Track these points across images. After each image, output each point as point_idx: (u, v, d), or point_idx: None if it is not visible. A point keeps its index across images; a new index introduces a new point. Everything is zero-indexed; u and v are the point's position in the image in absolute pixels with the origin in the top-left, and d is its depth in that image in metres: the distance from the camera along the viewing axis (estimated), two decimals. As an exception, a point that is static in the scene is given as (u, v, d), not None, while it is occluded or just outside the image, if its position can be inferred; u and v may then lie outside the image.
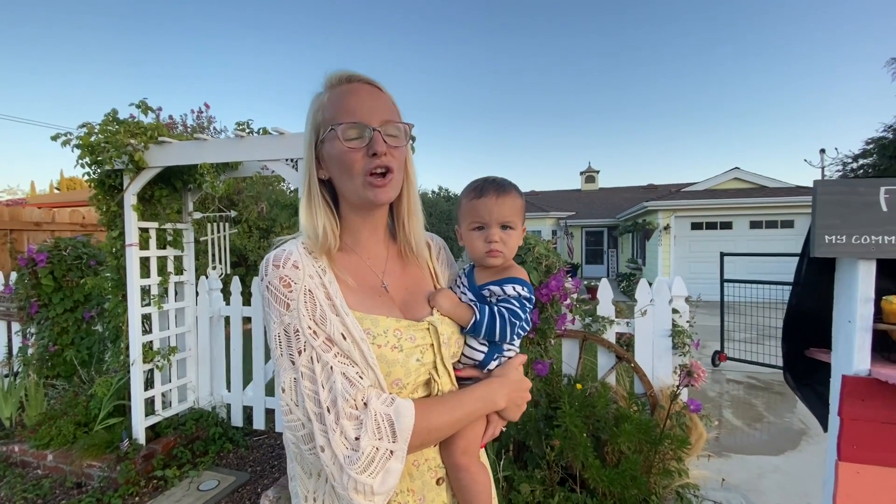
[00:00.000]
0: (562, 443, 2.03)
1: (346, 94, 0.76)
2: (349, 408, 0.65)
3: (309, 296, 0.71)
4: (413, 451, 0.70)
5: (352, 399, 0.66)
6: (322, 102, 0.77)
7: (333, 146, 0.75)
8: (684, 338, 2.40)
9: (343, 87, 0.77)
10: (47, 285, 3.36)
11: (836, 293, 1.21)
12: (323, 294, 0.72)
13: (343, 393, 0.66)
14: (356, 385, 0.67)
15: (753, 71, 57.51)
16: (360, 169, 0.74)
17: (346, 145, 0.73)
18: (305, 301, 0.70)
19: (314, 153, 0.78)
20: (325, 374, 0.67)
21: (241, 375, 3.41)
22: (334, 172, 0.78)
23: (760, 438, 3.60)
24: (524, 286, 0.89)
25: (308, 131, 0.79)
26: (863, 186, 1.10)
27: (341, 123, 0.73)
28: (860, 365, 1.14)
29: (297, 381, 0.68)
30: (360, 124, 0.73)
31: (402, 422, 0.66)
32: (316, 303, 0.71)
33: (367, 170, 0.74)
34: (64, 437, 2.89)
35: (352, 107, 0.74)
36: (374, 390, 0.69)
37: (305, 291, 0.71)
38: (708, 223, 11.96)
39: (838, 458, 1.16)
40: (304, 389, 0.67)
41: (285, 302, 0.70)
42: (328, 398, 0.66)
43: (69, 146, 2.77)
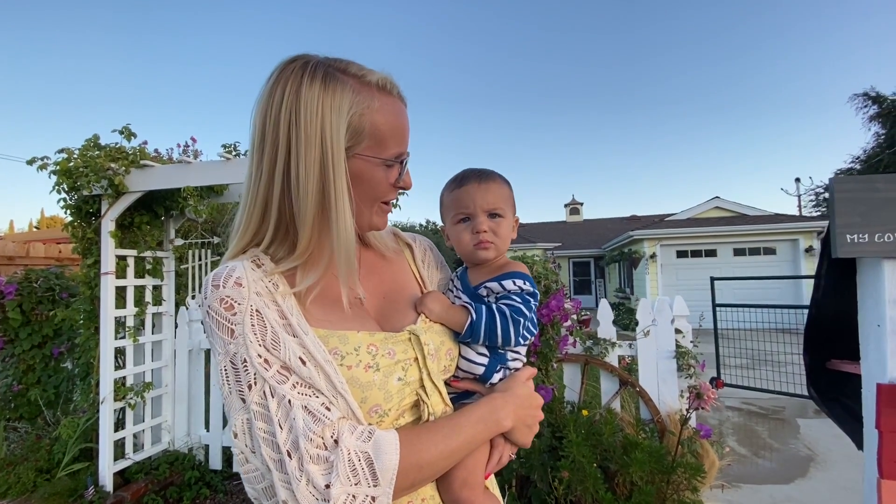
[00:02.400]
0: (570, 475, 1.89)
1: (400, 116, 0.68)
2: (314, 448, 0.54)
3: (257, 317, 0.59)
4: (402, 494, 0.57)
5: (317, 437, 0.54)
6: (373, 107, 0.64)
7: (375, 171, 0.66)
8: (689, 359, 2.32)
9: (396, 105, 0.68)
10: (14, 319, 3.16)
11: (861, 297, 1.15)
12: (275, 313, 0.61)
13: (305, 432, 0.54)
14: (321, 420, 0.55)
15: (731, 98, 60.87)
16: (381, 196, 0.69)
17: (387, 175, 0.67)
18: (253, 324, 0.58)
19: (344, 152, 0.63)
20: (283, 410, 0.56)
21: (221, 414, 3.19)
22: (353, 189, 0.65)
23: (768, 467, 3.47)
24: (526, 280, 0.78)
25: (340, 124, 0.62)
26: (881, 182, 1.06)
27: (400, 155, 0.68)
28: (895, 372, 1.07)
29: (249, 422, 0.56)
30: (406, 157, 0.69)
31: (384, 459, 0.54)
32: (266, 324, 0.59)
33: (385, 198, 0.70)
34: (23, 485, 2.64)
35: (403, 134, 0.69)
36: (347, 423, 0.57)
37: (252, 313, 0.59)
38: (693, 251, 12.13)
39: (880, 475, 1.06)
40: (258, 433, 0.55)
41: (228, 328, 0.58)
42: (288, 440, 0.54)
43: (45, 171, 2.67)
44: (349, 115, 0.62)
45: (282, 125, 0.62)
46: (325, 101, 0.61)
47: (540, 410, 0.77)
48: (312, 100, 0.61)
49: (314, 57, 0.66)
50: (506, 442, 0.72)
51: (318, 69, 0.63)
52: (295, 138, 0.61)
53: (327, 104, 0.61)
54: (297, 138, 0.61)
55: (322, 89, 0.61)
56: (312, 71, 0.63)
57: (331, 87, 0.62)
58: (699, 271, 11.29)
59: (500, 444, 0.72)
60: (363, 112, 0.63)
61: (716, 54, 56.17)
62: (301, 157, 0.61)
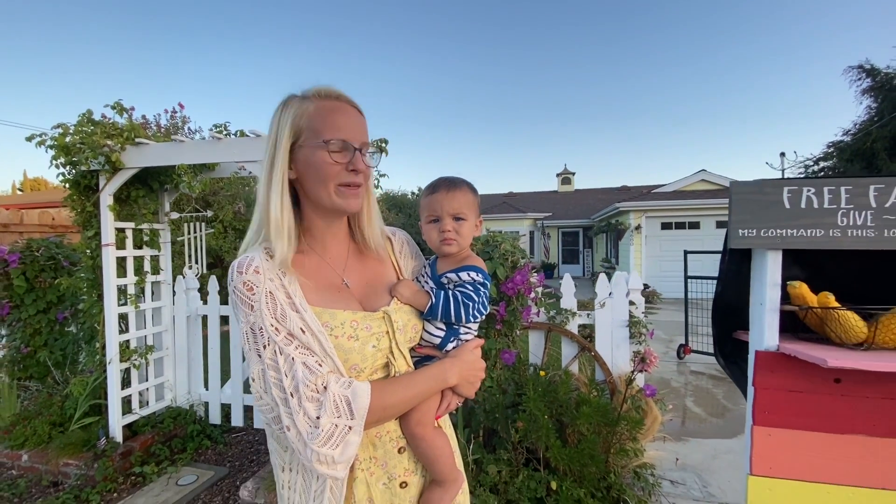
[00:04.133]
0: (526, 425, 2.19)
1: (335, 111, 0.84)
2: (310, 391, 0.74)
3: (269, 297, 0.79)
4: (372, 426, 0.81)
5: (312, 384, 0.75)
6: (307, 109, 0.83)
7: (315, 154, 0.82)
8: (640, 328, 2.59)
9: (332, 103, 0.85)
10: (19, 286, 3.35)
11: (752, 280, 1.39)
12: (283, 294, 0.81)
13: (304, 380, 0.75)
14: (315, 372, 0.76)
15: (719, 73, 59.85)
16: (335, 180, 0.84)
17: (332, 157, 0.82)
18: (267, 302, 0.78)
19: (288, 153, 0.84)
20: (288, 364, 0.76)
21: (220, 374, 3.46)
22: (309, 177, 0.84)
23: (717, 424, 3.84)
24: (479, 272, 1.00)
25: (284, 130, 0.83)
26: (769, 187, 1.28)
27: (332, 139, 0.82)
28: (770, 341, 1.32)
29: (263, 371, 0.77)
30: (347, 143, 0.83)
31: (359, 401, 0.76)
32: (276, 303, 0.79)
33: (342, 181, 0.84)
34: (39, 437, 2.90)
35: (340, 124, 0.83)
36: (333, 375, 0.78)
37: (266, 293, 0.79)
38: (677, 223, 12.41)
39: (753, 422, 1.33)
40: (270, 378, 0.76)
41: (249, 304, 0.78)
42: (291, 385, 0.75)
43: (43, 147, 2.79)
44: (291, 121, 0.83)
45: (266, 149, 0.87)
46: (280, 120, 0.85)
47: (482, 371, 1.00)
48: (273, 125, 0.86)
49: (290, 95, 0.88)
50: (454, 394, 0.96)
51: (282, 102, 0.87)
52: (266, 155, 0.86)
53: (280, 121, 0.85)
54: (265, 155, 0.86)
55: (280, 113, 0.86)
56: (280, 105, 0.87)
57: (282, 109, 0.86)
58: (682, 243, 11.53)
59: (449, 395, 0.95)
60: (301, 114, 0.83)
61: (712, 26, 54.90)
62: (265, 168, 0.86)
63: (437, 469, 0.94)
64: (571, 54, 67.65)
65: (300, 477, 0.85)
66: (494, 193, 26.41)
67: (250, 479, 2.64)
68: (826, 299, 1.27)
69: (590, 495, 2.14)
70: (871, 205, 1.23)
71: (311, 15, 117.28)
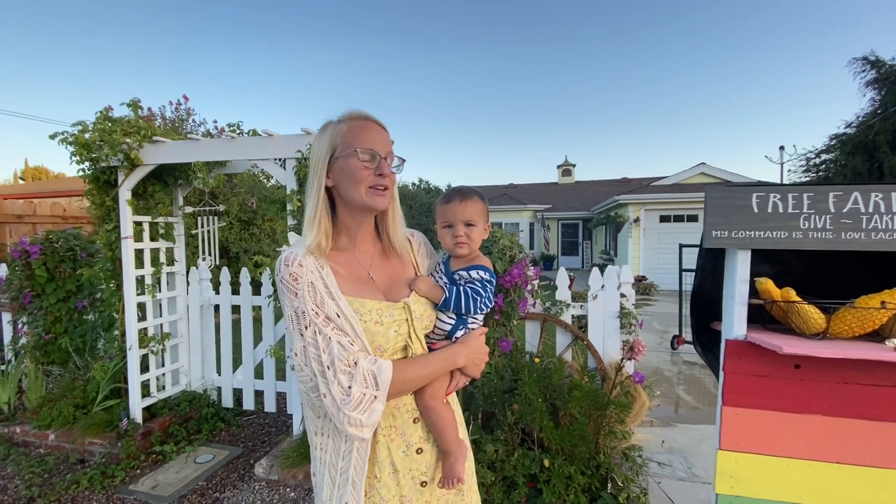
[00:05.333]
0: (521, 408, 2.36)
1: (364, 129, 1.01)
2: (343, 366, 0.89)
3: (311, 286, 0.93)
4: (392, 397, 0.96)
5: (345, 360, 0.89)
6: (341, 129, 1.00)
7: (348, 162, 0.98)
8: (630, 319, 2.75)
9: (361, 122, 1.02)
10: (41, 276, 3.50)
11: (725, 276, 1.54)
12: (322, 284, 0.95)
13: (339, 355, 0.89)
14: (348, 349, 0.91)
15: (719, 65, 59.59)
16: (366, 182, 0.99)
17: (361, 163, 0.98)
18: (308, 291, 0.93)
19: (327, 166, 1.00)
20: (325, 342, 0.90)
21: (231, 360, 3.64)
22: (343, 182, 1.00)
23: (706, 412, 4.02)
24: (486, 271, 1.17)
25: (323, 148, 1.00)
26: (739, 192, 1.43)
27: (361, 147, 0.98)
28: (738, 331, 1.48)
29: (305, 348, 0.91)
30: (374, 151, 0.99)
31: (383, 375, 0.92)
32: (316, 291, 0.94)
33: (371, 183, 1.00)
34: (64, 418, 3.08)
35: (368, 137, 1.00)
36: (362, 353, 0.93)
37: (308, 283, 0.93)
38: (675, 216, 12.54)
39: (723, 403, 1.50)
40: (311, 354, 0.90)
41: (294, 291, 0.93)
42: (328, 360, 0.89)
43: (65, 145, 2.93)
44: (329, 140, 1.00)
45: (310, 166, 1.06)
46: (320, 142, 1.03)
47: (486, 355, 1.18)
48: (314, 147, 1.04)
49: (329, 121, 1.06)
50: (461, 374, 1.13)
51: (322, 127, 1.05)
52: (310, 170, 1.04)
53: (320, 142, 1.03)
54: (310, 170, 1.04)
55: (318, 138, 1.04)
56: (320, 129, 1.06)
57: (321, 134, 1.04)
58: (680, 236, 11.71)
59: (457, 375, 1.12)
60: (336, 134, 1.01)
61: (711, 20, 54.35)
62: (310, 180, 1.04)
63: (444, 437, 1.10)
64: (573, 47, 67.20)
65: (331, 440, 1.01)
66: (495, 185, 26.48)
67: (264, 458, 2.82)
68: (788, 294, 1.43)
69: (580, 472, 2.32)
70: (830, 210, 1.38)
71: (308, 11, 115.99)
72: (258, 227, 8.17)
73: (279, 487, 2.66)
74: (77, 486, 2.62)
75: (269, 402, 3.54)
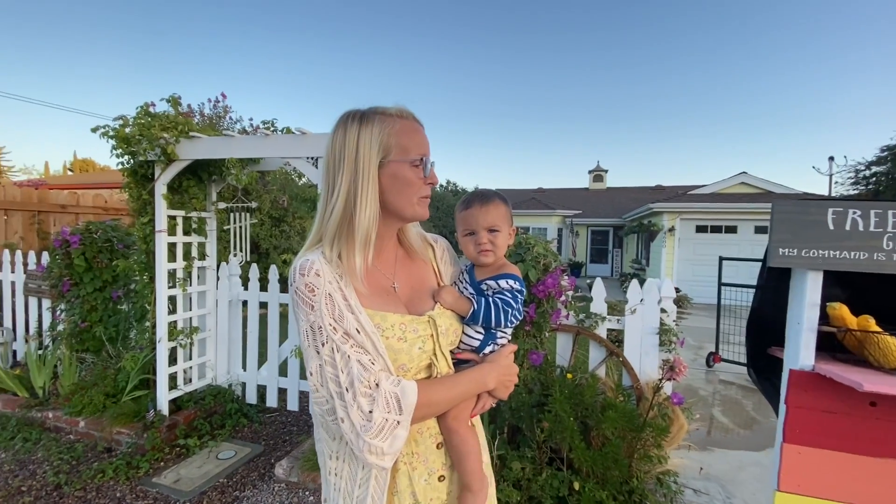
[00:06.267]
0: (551, 425, 2.24)
1: (416, 132, 0.93)
2: (364, 388, 0.80)
3: (329, 299, 0.84)
4: (416, 422, 0.87)
5: (366, 381, 0.80)
6: (394, 128, 0.90)
7: (404, 170, 0.90)
8: (671, 336, 2.58)
9: (411, 124, 0.93)
10: (79, 266, 3.60)
11: (790, 299, 1.39)
12: (340, 296, 0.86)
13: (359, 376, 0.80)
14: (369, 369, 0.82)
15: (764, 74, 57.16)
16: (417, 192, 0.92)
17: (420, 172, 0.91)
18: (326, 303, 0.84)
19: (377, 168, 0.89)
20: (344, 361, 0.81)
21: (256, 357, 3.65)
22: (394, 189, 0.91)
23: (745, 436, 3.78)
24: (516, 280, 1.07)
25: (373, 145, 0.88)
26: (813, 207, 1.28)
27: (419, 156, 0.91)
28: (805, 361, 1.32)
29: (321, 366, 0.83)
30: (427, 159, 0.93)
31: (407, 399, 0.82)
32: (335, 304, 0.84)
33: (422, 194, 0.94)
34: (95, 406, 3.14)
35: (421, 143, 0.93)
36: (384, 373, 0.84)
37: (326, 295, 0.84)
38: (713, 226, 12.05)
39: (783, 440, 1.35)
40: (327, 374, 0.82)
41: (310, 304, 0.84)
42: (346, 380, 0.81)
43: (106, 138, 2.99)
44: (380, 137, 0.88)
45: (330, 161, 0.92)
46: (362, 135, 0.89)
47: (516, 375, 1.07)
48: (352, 138, 0.89)
49: (356, 110, 0.94)
50: (489, 396, 1.02)
51: (356, 117, 0.92)
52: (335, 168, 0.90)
53: (362, 137, 0.89)
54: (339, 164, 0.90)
55: (358, 128, 0.90)
56: (352, 120, 0.91)
57: (365, 125, 0.90)
58: (717, 247, 11.26)
59: (484, 396, 1.02)
60: (389, 132, 0.89)
61: (754, 25, 52.26)
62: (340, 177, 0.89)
63: (465, 467, 0.98)
64: (610, 52, 66.00)
65: (347, 465, 0.91)
66: (523, 189, 26.20)
67: (285, 458, 2.79)
68: (867, 323, 1.27)
69: (612, 498, 2.18)
70: (920, 230, 1.22)
71: (337, 16, 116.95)
72: (288, 224, 8.28)
73: (298, 490, 2.62)
74: (103, 476, 2.65)
75: (291, 400, 3.53)
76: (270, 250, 7.74)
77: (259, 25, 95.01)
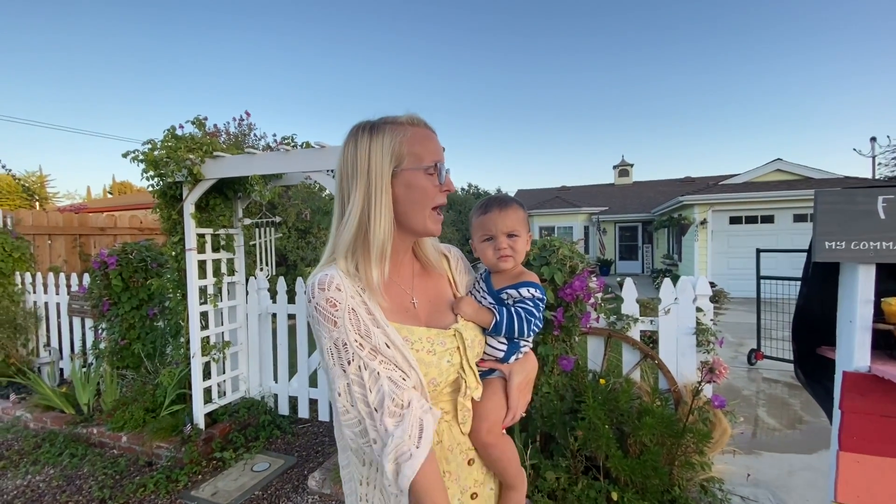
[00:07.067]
0: (585, 434, 2.16)
1: (428, 138, 0.89)
2: (393, 406, 0.76)
3: (352, 313, 0.80)
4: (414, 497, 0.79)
5: (397, 399, 0.77)
6: (405, 136, 0.86)
7: (418, 178, 0.86)
8: (708, 335, 2.46)
9: (424, 130, 0.89)
10: (117, 285, 3.74)
11: (840, 295, 1.29)
12: (364, 310, 0.82)
13: (391, 393, 0.76)
14: (401, 386, 0.78)
15: (795, 54, 54.61)
16: (432, 202, 0.88)
17: (434, 179, 0.87)
18: (350, 318, 0.80)
19: (390, 178, 0.85)
20: (373, 379, 0.77)
21: (287, 368, 3.70)
22: (409, 200, 0.86)
23: (794, 437, 3.57)
24: (537, 289, 1.03)
25: (386, 154, 0.84)
26: (861, 196, 1.18)
27: (433, 163, 0.87)
28: (860, 362, 1.22)
29: (349, 386, 0.78)
30: (442, 166, 0.88)
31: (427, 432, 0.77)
32: (359, 319, 0.80)
33: (437, 203, 0.89)
34: (135, 421, 3.24)
35: (435, 149, 0.89)
36: (416, 392, 0.80)
37: (349, 310, 0.80)
38: (748, 217, 11.56)
39: (839, 448, 1.25)
40: (356, 393, 0.78)
41: (333, 320, 0.79)
42: (376, 399, 0.77)
43: (136, 162, 3.10)
44: (391, 147, 0.85)
45: (343, 174, 0.89)
46: (372, 146, 0.86)
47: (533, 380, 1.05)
48: (363, 149, 0.86)
49: (366, 121, 0.91)
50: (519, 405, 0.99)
51: (366, 128, 0.89)
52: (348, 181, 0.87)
53: (373, 147, 0.85)
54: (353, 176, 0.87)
55: (369, 139, 0.86)
56: (362, 131, 0.88)
57: (376, 135, 0.87)
58: (753, 238, 10.79)
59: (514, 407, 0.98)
60: (401, 141, 0.86)
61: (781, 5, 50.12)
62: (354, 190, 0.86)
63: (509, 473, 0.99)
64: (632, 41, 64.75)
65: (378, 492, 0.87)
66: (546, 188, 25.89)
67: (317, 470, 2.81)
68: (927, 318, 1.16)
69: (653, 508, 2.08)
70: None
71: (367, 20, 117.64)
72: (314, 235, 8.42)
73: (331, 502, 2.62)
74: (144, 490, 2.72)
75: (322, 410, 3.55)
76: (298, 262, 7.88)
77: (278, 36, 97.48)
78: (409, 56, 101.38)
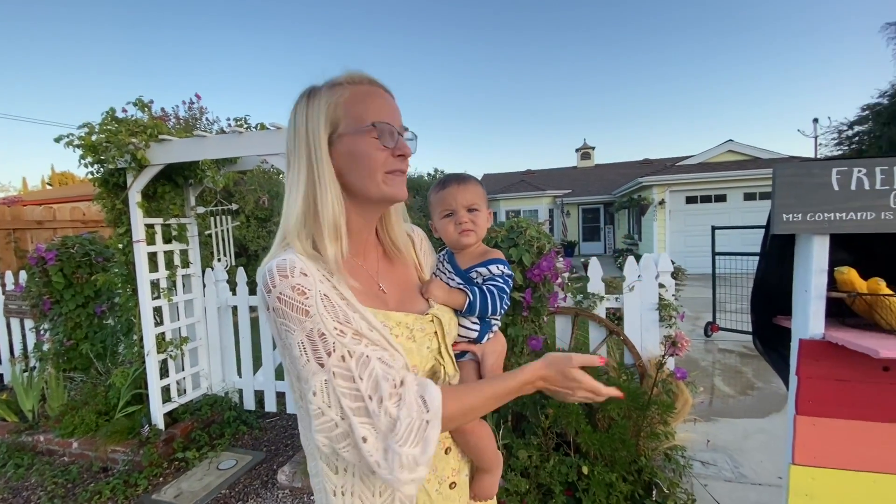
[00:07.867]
0: (556, 411, 2.19)
1: (374, 96, 0.79)
2: (390, 388, 0.67)
3: (326, 300, 0.71)
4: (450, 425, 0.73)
5: (391, 379, 0.68)
6: (342, 97, 0.77)
7: (359, 142, 0.76)
8: (670, 311, 2.54)
9: (367, 87, 0.79)
10: (58, 282, 3.47)
11: (795, 265, 1.33)
12: (336, 295, 0.73)
13: (384, 375, 0.68)
14: (392, 366, 0.70)
15: (747, 40, 56.97)
16: (383, 167, 0.78)
17: (379, 143, 0.77)
18: (324, 305, 0.70)
19: (328, 145, 0.77)
20: (362, 364, 0.68)
21: (252, 362, 3.57)
22: (353, 167, 0.78)
23: (748, 403, 3.79)
24: (505, 265, 1.02)
25: (319, 122, 0.77)
26: (816, 168, 1.21)
27: (379, 122, 0.77)
28: (815, 329, 1.27)
29: (328, 382, 0.67)
30: (392, 126, 0.78)
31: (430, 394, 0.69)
32: (334, 304, 0.71)
33: (389, 168, 0.79)
34: (87, 426, 3.05)
35: (380, 108, 0.78)
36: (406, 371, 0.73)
37: (321, 296, 0.71)
38: (702, 196, 12.06)
39: (796, 412, 1.30)
40: (339, 388, 0.67)
41: (303, 309, 0.69)
42: (369, 387, 0.67)
43: (71, 147, 2.85)
44: (325, 111, 0.77)
45: (288, 148, 0.82)
46: (309, 113, 0.78)
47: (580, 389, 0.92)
48: (301, 118, 0.79)
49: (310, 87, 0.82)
50: None
51: (305, 94, 0.81)
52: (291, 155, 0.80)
53: (310, 114, 0.78)
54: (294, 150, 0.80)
55: (306, 106, 0.79)
56: (301, 98, 0.81)
57: (311, 100, 0.79)
58: (708, 217, 11.27)
59: None
60: (336, 103, 0.77)
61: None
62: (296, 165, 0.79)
63: (486, 457, 0.98)
64: (589, 28, 65.49)
65: (357, 499, 0.80)
66: (511, 172, 26.06)
67: (287, 464, 2.73)
68: (877, 286, 1.21)
69: (621, 479, 2.14)
70: (930, 184, 1.16)
71: (321, 6, 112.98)
72: (275, 223, 8.13)
73: (302, 495, 2.56)
74: (99, 497, 2.57)
75: (290, 403, 3.46)
76: (259, 252, 7.60)
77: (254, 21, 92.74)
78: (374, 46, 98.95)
